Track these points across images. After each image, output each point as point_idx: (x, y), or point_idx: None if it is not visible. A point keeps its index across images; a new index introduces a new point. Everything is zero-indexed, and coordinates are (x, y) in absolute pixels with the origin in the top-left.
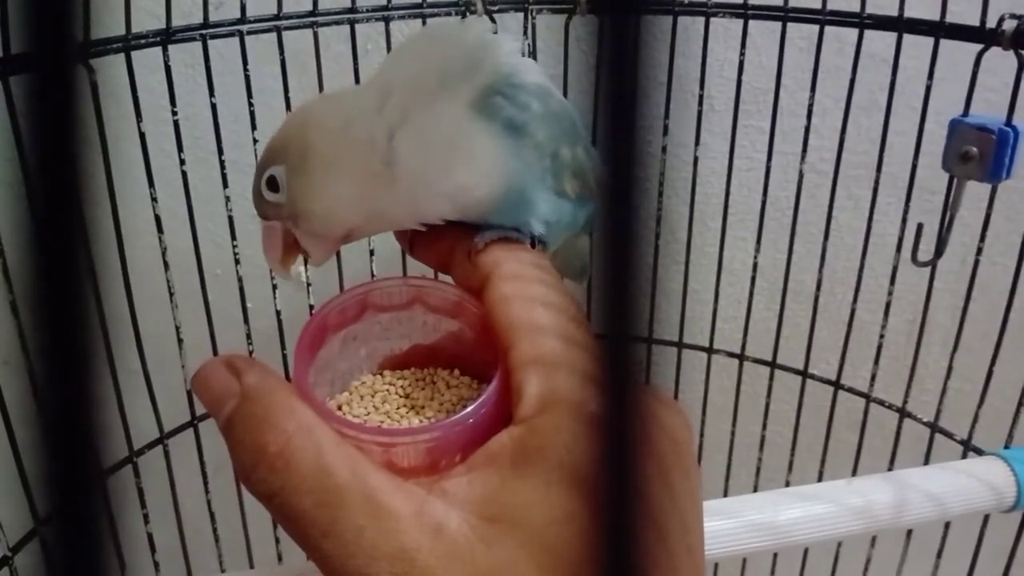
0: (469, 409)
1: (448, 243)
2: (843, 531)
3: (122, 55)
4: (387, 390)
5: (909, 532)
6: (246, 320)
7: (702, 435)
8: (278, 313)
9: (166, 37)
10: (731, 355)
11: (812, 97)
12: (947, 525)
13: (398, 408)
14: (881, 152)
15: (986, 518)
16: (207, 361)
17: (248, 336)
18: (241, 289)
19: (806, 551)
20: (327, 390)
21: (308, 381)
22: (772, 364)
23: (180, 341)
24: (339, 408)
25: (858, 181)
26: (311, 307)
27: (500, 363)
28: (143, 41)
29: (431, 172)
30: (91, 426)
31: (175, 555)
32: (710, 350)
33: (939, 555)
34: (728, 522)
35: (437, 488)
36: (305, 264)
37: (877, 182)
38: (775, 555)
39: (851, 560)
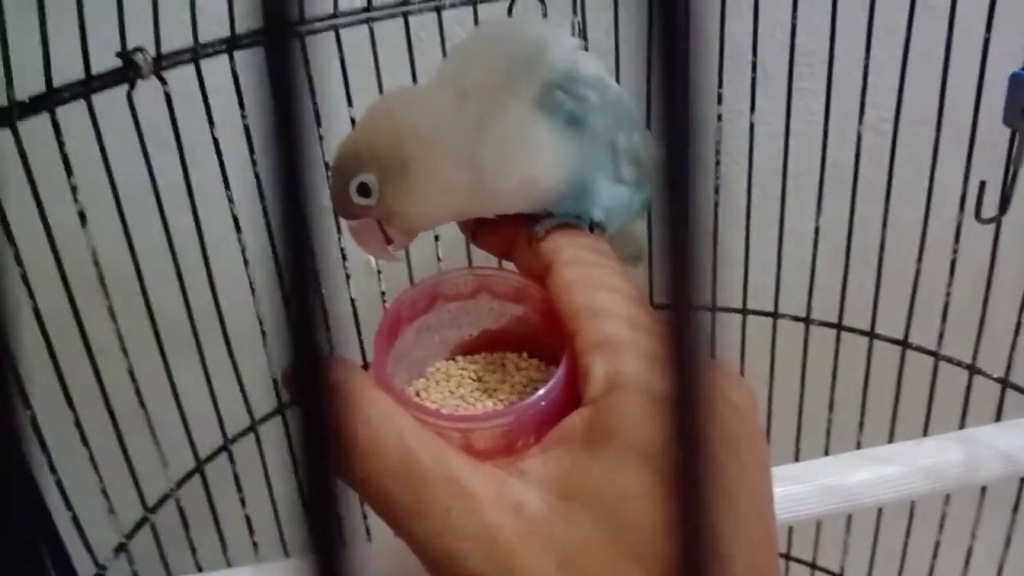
0: (541, 392)
1: (509, 231)
2: (914, 491)
3: (191, 65)
4: (461, 375)
5: (983, 488)
6: (323, 310)
7: (770, 400)
8: (352, 301)
9: (231, 45)
10: (796, 319)
11: (868, 56)
12: (1022, 480)
13: (472, 391)
14: (940, 108)
15: None
16: (291, 361)
17: (326, 323)
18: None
19: (879, 512)
20: (405, 378)
21: (387, 372)
22: (838, 326)
23: (264, 333)
24: (417, 394)
25: (918, 138)
26: (382, 293)
27: (567, 347)
28: (210, 50)
29: (508, 171)
30: None
31: (273, 535)
32: (775, 315)
33: (1015, 510)
34: (800, 487)
35: (514, 469)
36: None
37: (938, 139)
38: (849, 517)
39: (925, 517)
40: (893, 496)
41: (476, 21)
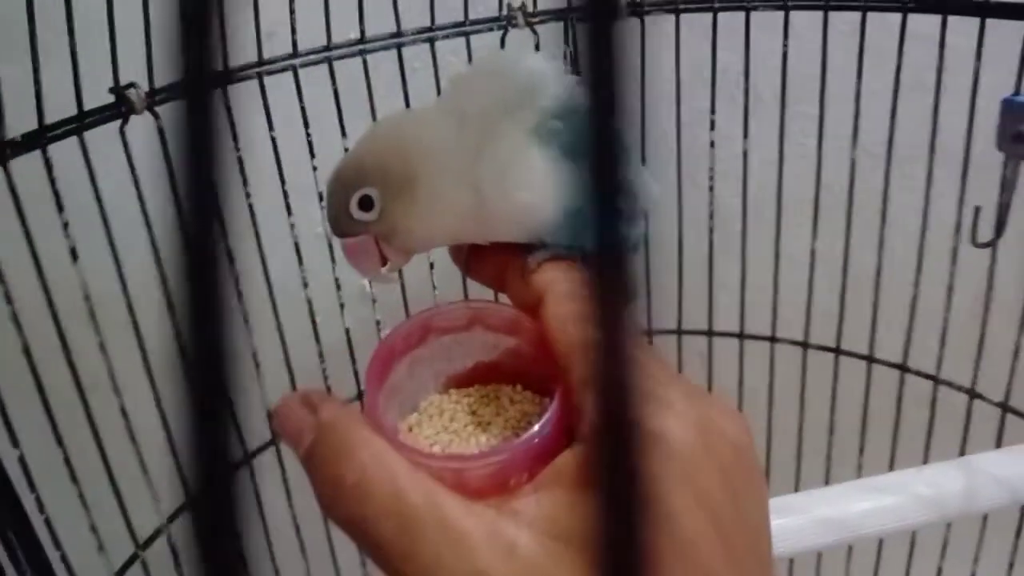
0: (535, 429)
1: (502, 262)
2: (915, 521)
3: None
4: (454, 408)
5: (985, 515)
6: (317, 339)
7: (769, 425)
8: (347, 330)
9: (225, 79)
10: (794, 343)
11: (859, 82)
12: None
13: (465, 425)
14: (933, 134)
15: None
16: (284, 396)
17: (320, 355)
18: (311, 311)
19: (880, 541)
20: (398, 411)
21: (379, 410)
22: (836, 351)
23: (257, 365)
24: (410, 429)
25: (912, 162)
26: (377, 322)
27: (560, 381)
28: None
29: (504, 196)
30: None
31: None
32: (773, 339)
33: (1017, 535)
34: (799, 518)
35: (507, 508)
36: (370, 283)
37: (931, 163)
38: (849, 547)
39: (926, 545)
40: (893, 526)
41: (468, 51)
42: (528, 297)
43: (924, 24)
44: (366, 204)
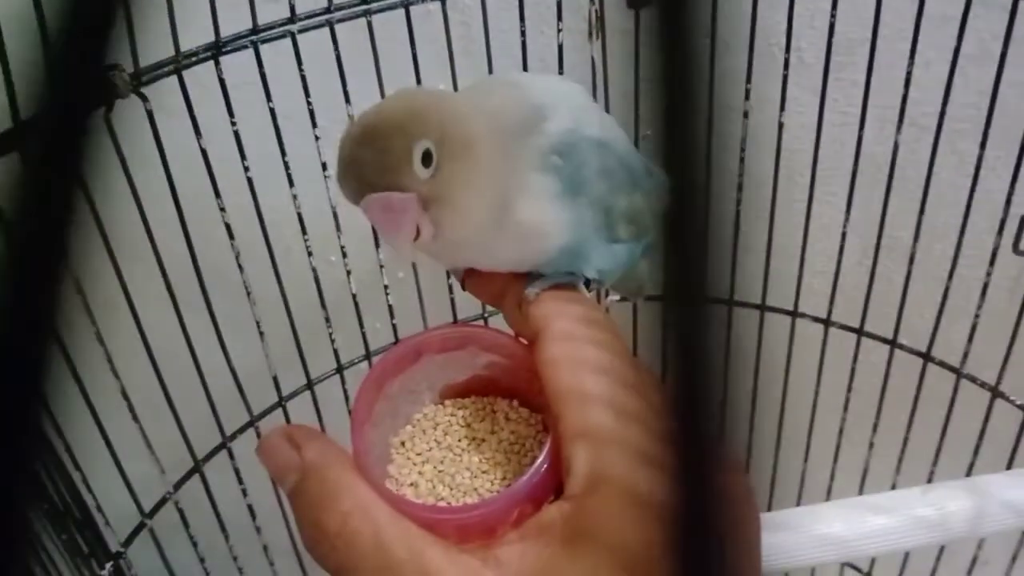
0: (523, 479)
1: (501, 283)
2: (914, 543)
3: (174, 77)
4: (449, 421)
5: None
6: (323, 306)
7: (784, 400)
8: (354, 295)
9: (216, 51)
10: (816, 320)
11: (914, 47)
12: None
13: (459, 440)
14: (990, 110)
15: None
16: (268, 433)
17: (327, 319)
18: (316, 280)
19: (873, 561)
20: (390, 424)
21: (365, 448)
22: (859, 331)
23: (261, 334)
24: (403, 444)
25: (963, 136)
26: (385, 287)
27: (552, 425)
28: (194, 59)
29: (508, 218)
30: None
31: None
32: (795, 314)
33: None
34: (797, 535)
35: (491, 557)
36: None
37: (984, 143)
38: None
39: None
40: (893, 546)
41: (484, 9)
42: (525, 328)
43: None
44: (427, 159)
